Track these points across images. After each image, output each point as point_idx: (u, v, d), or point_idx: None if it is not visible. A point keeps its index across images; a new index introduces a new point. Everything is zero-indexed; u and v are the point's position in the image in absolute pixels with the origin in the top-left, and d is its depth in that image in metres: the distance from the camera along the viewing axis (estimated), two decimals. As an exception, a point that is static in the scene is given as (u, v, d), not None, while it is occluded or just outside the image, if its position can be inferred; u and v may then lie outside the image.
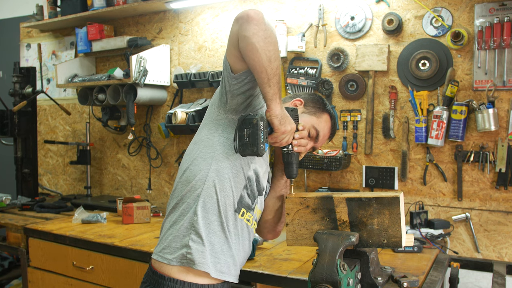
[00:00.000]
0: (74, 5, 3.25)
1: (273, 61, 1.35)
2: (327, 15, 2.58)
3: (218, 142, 1.50)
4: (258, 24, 1.32)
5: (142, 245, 2.21)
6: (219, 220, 1.48)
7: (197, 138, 1.57)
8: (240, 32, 1.34)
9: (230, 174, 1.49)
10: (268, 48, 1.34)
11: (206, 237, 1.47)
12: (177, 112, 2.76)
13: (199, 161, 1.50)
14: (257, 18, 1.32)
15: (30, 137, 3.42)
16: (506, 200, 2.20)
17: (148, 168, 3.25)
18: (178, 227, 1.49)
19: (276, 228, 1.72)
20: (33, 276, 2.61)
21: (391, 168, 2.45)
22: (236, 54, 1.39)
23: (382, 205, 1.45)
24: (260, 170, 1.58)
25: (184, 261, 1.46)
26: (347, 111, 2.55)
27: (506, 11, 2.14)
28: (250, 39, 1.32)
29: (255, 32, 1.32)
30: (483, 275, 2.23)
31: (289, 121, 1.46)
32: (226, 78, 1.46)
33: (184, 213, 1.49)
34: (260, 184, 1.59)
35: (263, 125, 1.41)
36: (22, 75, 3.37)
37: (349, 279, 1.40)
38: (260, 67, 1.34)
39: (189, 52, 3.06)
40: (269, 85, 1.37)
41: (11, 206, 3.15)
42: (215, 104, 1.55)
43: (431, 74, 2.32)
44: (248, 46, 1.33)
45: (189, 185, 1.50)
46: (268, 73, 1.35)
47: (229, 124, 1.51)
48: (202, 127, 1.58)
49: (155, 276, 1.50)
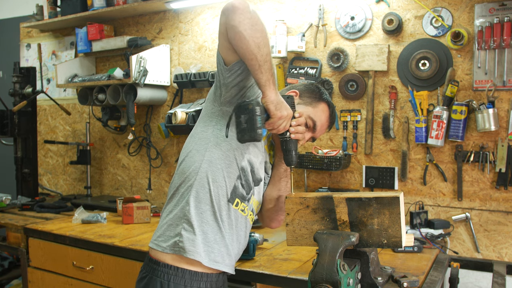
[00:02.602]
0: (74, 5, 3.25)
1: (262, 47, 1.39)
2: (327, 15, 2.58)
3: (212, 134, 1.54)
4: (244, 13, 1.36)
5: (142, 245, 2.21)
6: (211, 210, 1.52)
7: (193, 132, 1.62)
8: (227, 22, 1.38)
9: (223, 165, 1.52)
10: (256, 35, 1.37)
11: (198, 226, 1.51)
12: (177, 112, 2.76)
13: (193, 153, 1.56)
14: (242, 7, 1.37)
15: (30, 137, 3.42)
16: (506, 200, 2.20)
17: (148, 168, 3.25)
18: (172, 216, 1.55)
19: (278, 217, 1.76)
20: (33, 276, 2.61)
21: (391, 168, 2.45)
22: (226, 45, 1.43)
23: (382, 205, 1.45)
24: (255, 161, 1.59)
25: (176, 249, 1.52)
26: (347, 111, 2.55)
27: (506, 11, 2.14)
28: (237, 28, 1.36)
29: (241, 20, 1.36)
30: (483, 275, 2.23)
31: (285, 107, 1.48)
32: (220, 72, 1.49)
33: (178, 203, 1.55)
34: (255, 175, 1.60)
35: (260, 110, 1.43)
36: (22, 75, 3.37)
37: (349, 279, 1.40)
38: (250, 54, 1.38)
39: (189, 52, 3.06)
40: (260, 72, 1.40)
41: (11, 206, 3.15)
42: (210, 99, 1.59)
43: (431, 74, 2.32)
44: (236, 35, 1.37)
45: (183, 175, 1.56)
46: (258, 59, 1.38)
47: (223, 116, 1.54)
48: (198, 120, 1.63)
49: (151, 263, 1.56)
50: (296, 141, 1.58)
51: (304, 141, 1.67)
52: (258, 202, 1.69)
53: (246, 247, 1.90)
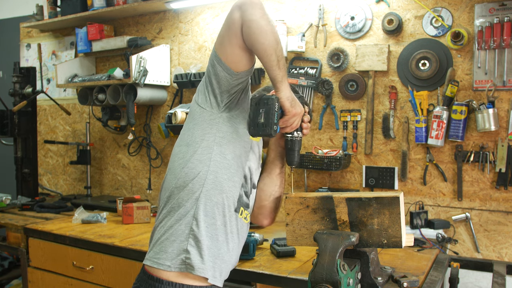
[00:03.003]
0: (74, 5, 3.25)
1: (279, 42, 1.38)
2: (327, 15, 2.58)
3: (214, 142, 1.47)
4: (262, 8, 1.36)
5: (142, 245, 2.21)
6: (219, 223, 1.47)
7: (189, 139, 1.51)
8: (245, 16, 1.34)
9: (229, 174, 1.48)
10: (274, 30, 1.37)
11: (206, 242, 1.44)
12: (177, 112, 2.76)
13: (195, 163, 1.46)
14: (259, 3, 1.36)
15: (30, 137, 3.41)
16: (506, 200, 2.20)
17: (148, 168, 3.25)
18: (173, 231, 1.46)
19: (272, 215, 1.68)
20: (33, 276, 2.61)
21: (391, 168, 2.44)
22: (238, 43, 1.38)
23: (382, 205, 1.45)
24: (253, 167, 1.58)
25: (183, 266, 1.44)
26: (347, 111, 2.55)
27: (506, 11, 2.14)
28: (259, 22, 1.33)
29: (262, 15, 1.34)
30: (483, 275, 2.23)
31: (298, 104, 1.48)
32: (223, 78, 1.43)
33: (182, 218, 1.46)
34: (253, 181, 1.60)
35: (278, 106, 1.43)
36: (22, 75, 3.37)
37: (349, 279, 1.40)
38: (271, 49, 1.36)
39: (189, 52, 3.06)
40: (278, 67, 1.38)
41: (11, 206, 3.15)
42: (203, 105, 1.50)
43: (431, 74, 2.32)
44: (257, 29, 1.33)
45: (185, 188, 1.46)
46: (277, 54, 1.37)
47: (223, 123, 1.48)
48: (192, 127, 1.52)
49: (151, 281, 1.47)
50: (300, 142, 1.58)
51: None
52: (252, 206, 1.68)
53: (246, 247, 1.91)
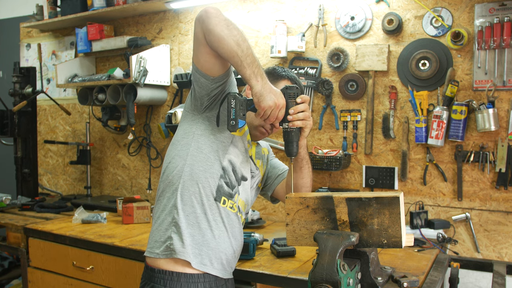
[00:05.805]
0: (74, 5, 3.25)
1: (241, 43, 1.45)
2: (327, 15, 2.58)
3: (193, 139, 1.62)
4: (217, 16, 1.45)
5: (142, 245, 2.20)
6: (198, 211, 1.57)
7: (174, 139, 1.69)
8: (204, 27, 1.46)
9: (205, 166, 1.59)
10: (233, 33, 1.45)
11: (186, 228, 1.55)
12: (177, 112, 2.76)
13: (176, 158, 1.63)
14: (214, 12, 1.45)
15: (30, 137, 3.41)
16: (506, 200, 2.20)
17: (148, 168, 3.25)
18: (161, 222, 1.60)
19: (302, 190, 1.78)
20: (33, 276, 2.61)
21: (391, 168, 2.45)
22: (207, 51, 1.50)
23: (382, 205, 1.45)
24: (236, 160, 1.65)
25: (168, 252, 1.55)
26: (347, 111, 2.55)
27: (506, 11, 2.14)
28: (214, 30, 1.44)
29: (217, 23, 1.44)
30: (483, 275, 2.23)
31: (269, 98, 1.48)
32: (203, 84, 1.55)
33: (165, 208, 1.60)
34: (237, 174, 1.66)
35: (234, 102, 1.53)
36: (22, 75, 3.37)
37: (349, 279, 1.40)
38: (231, 52, 1.44)
39: (189, 52, 3.06)
40: (243, 67, 1.46)
41: (11, 206, 3.15)
42: (188, 110, 1.67)
43: (431, 74, 2.32)
44: (214, 37, 1.44)
45: (167, 180, 1.62)
46: (239, 55, 1.45)
47: (203, 122, 1.62)
48: (178, 129, 1.70)
49: (148, 271, 1.60)
50: (297, 133, 1.56)
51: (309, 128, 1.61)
52: (244, 203, 1.70)
53: (246, 247, 1.91)
